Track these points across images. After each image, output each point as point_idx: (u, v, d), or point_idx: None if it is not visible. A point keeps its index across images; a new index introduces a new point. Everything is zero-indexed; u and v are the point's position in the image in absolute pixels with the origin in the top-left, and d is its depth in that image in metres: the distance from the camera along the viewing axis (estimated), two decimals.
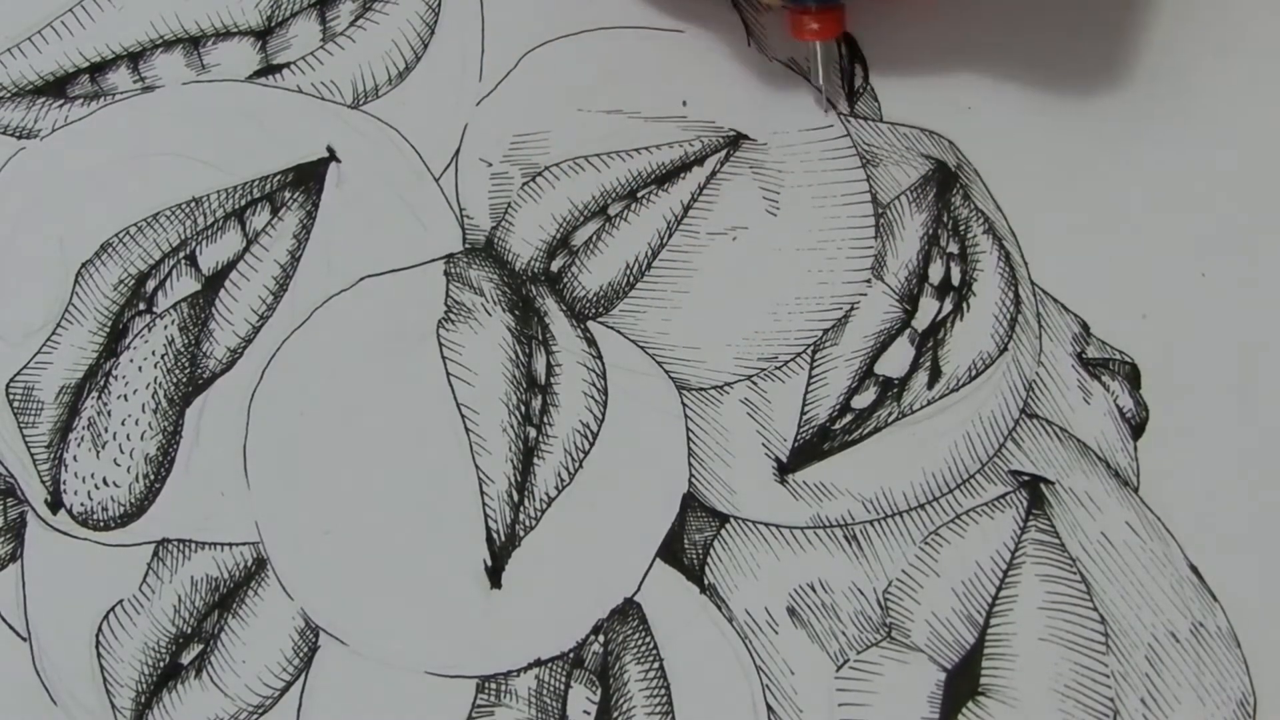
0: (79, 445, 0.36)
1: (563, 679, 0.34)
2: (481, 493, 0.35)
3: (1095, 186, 0.36)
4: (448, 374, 0.36)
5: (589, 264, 0.36)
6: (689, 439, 0.35)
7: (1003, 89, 0.37)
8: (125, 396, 0.36)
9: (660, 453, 0.35)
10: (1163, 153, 0.36)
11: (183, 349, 0.36)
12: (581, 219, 0.36)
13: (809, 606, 0.34)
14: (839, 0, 0.34)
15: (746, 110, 0.37)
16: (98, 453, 0.36)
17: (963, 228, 0.36)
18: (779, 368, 0.35)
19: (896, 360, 0.35)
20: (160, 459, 0.36)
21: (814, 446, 0.35)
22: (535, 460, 0.35)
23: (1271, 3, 0.37)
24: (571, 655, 0.34)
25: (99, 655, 0.34)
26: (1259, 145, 0.36)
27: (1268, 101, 0.36)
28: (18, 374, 0.36)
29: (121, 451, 0.36)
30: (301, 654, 0.34)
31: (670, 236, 0.36)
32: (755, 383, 0.35)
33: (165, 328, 0.36)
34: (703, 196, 0.36)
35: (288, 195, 0.37)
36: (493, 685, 0.34)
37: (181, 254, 0.37)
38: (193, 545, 0.35)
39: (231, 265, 0.37)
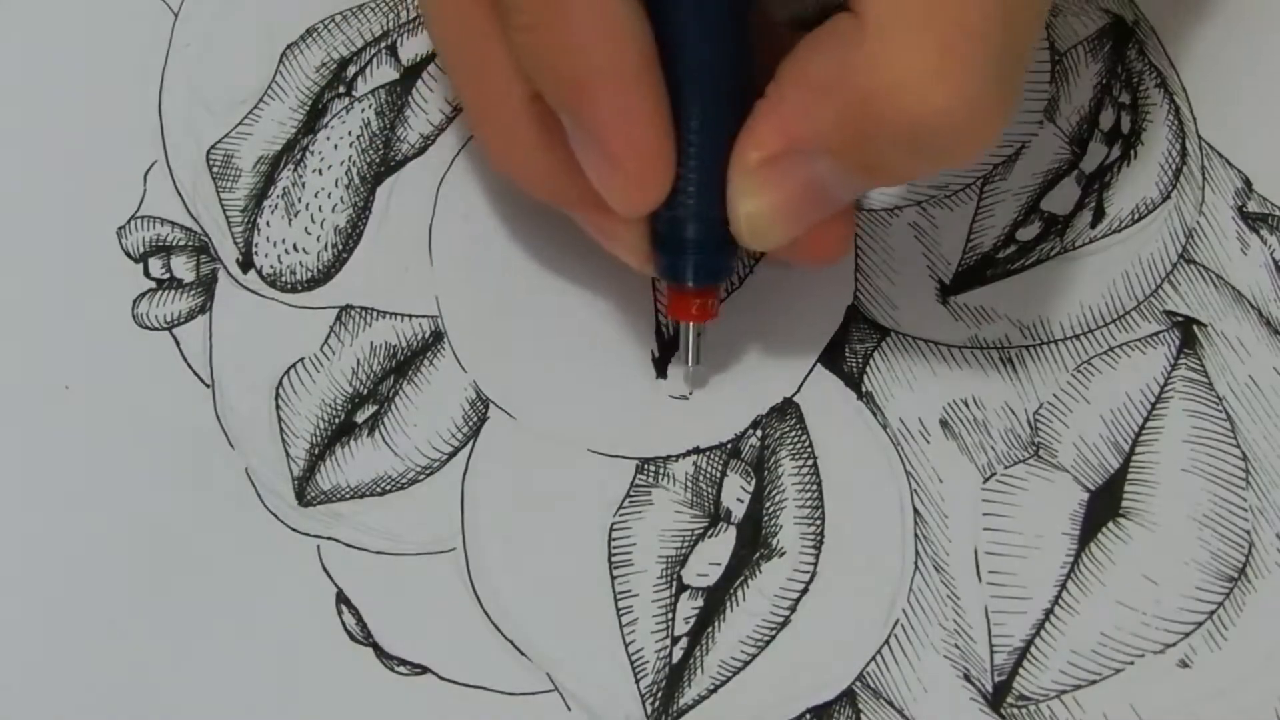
0: (272, 212, 0.37)
1: (719, 467, 0.36)
2: (654, 289, 0.36)
3: (1267, 49, 0.37)
4: None
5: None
6: (856, 255, 0.37)
7: None
8: (320, 171, 0.38)
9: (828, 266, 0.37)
10: None
11: (378, 131, 0.38)
12: None
13: (961, 420, 0.36)
14: (720, 281, 0.33)
15: None
16: (290, 220, 0.37)
17: (1135, 80, 0.37)
18: (948, 196, 0.37)
19: (1062, 199, 0.37)
20: (349, 231, 0.37)
21: (977, 272, 0.36)
22: None
23: None
24: (729, 446, 0.36)
25: (278, 407, 0.36)
26: None
27: None
28: (218, 142, 0.38)
29: (313, 221, 0.37)
30: (471, 423, 0.36)
31: None
32: (924, 208, 0.37)
33: (363, 111, 0.38)
34: None
35: None
36: (652, 467, 0.36)
37: (383, 44, 0.38)
38: (374, 313, 0.37)
39: (430, 59, 0.38)
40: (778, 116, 0.29)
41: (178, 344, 0.37)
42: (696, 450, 0.36)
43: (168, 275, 0.37)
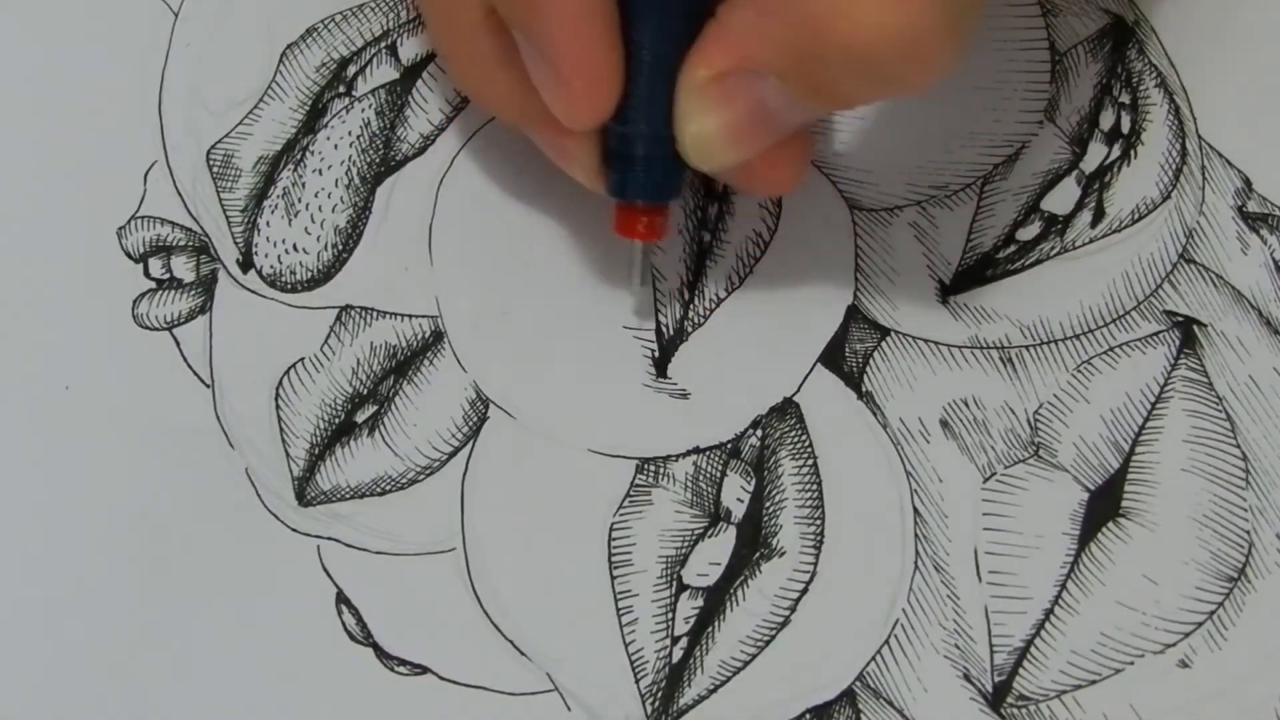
0: (272, 212, 0.37)
1: (719, 467, 0.36)
2: (654, 289, 0.36)
3: (1267, 49, 0.37)
4: None
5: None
6: (857, 254, 0.37)
7: None
8: (320, 171, 0.38)
9: (828, 265, 0.37)
10: None
11: (378, 131, 0.38)
12: None
13: (961, 420, 0.36)
14: (666, 200, 0.33)
15: None
16: (290, 220, 0.37)
17: (1135, 80, 0.37)
18: (948, 196, 0.37)
19: (1062, 198, 0.37)
20: (349, 231, 0.37)
21: (977, 272, 0.36)
22: (707, 263, 0.37)
23: None
24: (729, 446, 0.36)
25: (278, 407, 0.36)
26: None
27: None
28: (218, 142, 0.38)
29: (313, 221, 0.37)
30: (471, 423, 0.36)
31: None
32: (924, 208, 0.37)
33: (363, 111, 0.38)
34: None
35: None
36: (652, 467, 0.36)
37: (383, 44, 0.38)
38: (374, 313, 0.37)
39: (430, 58, 0.38)
40: (727, 36, 0.30)
41: (178, 344, 0.37)
42: (696, 450, 0.36)
43: (168, 275, 0.37)
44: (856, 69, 0.28)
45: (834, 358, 0.36)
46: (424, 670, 0.35)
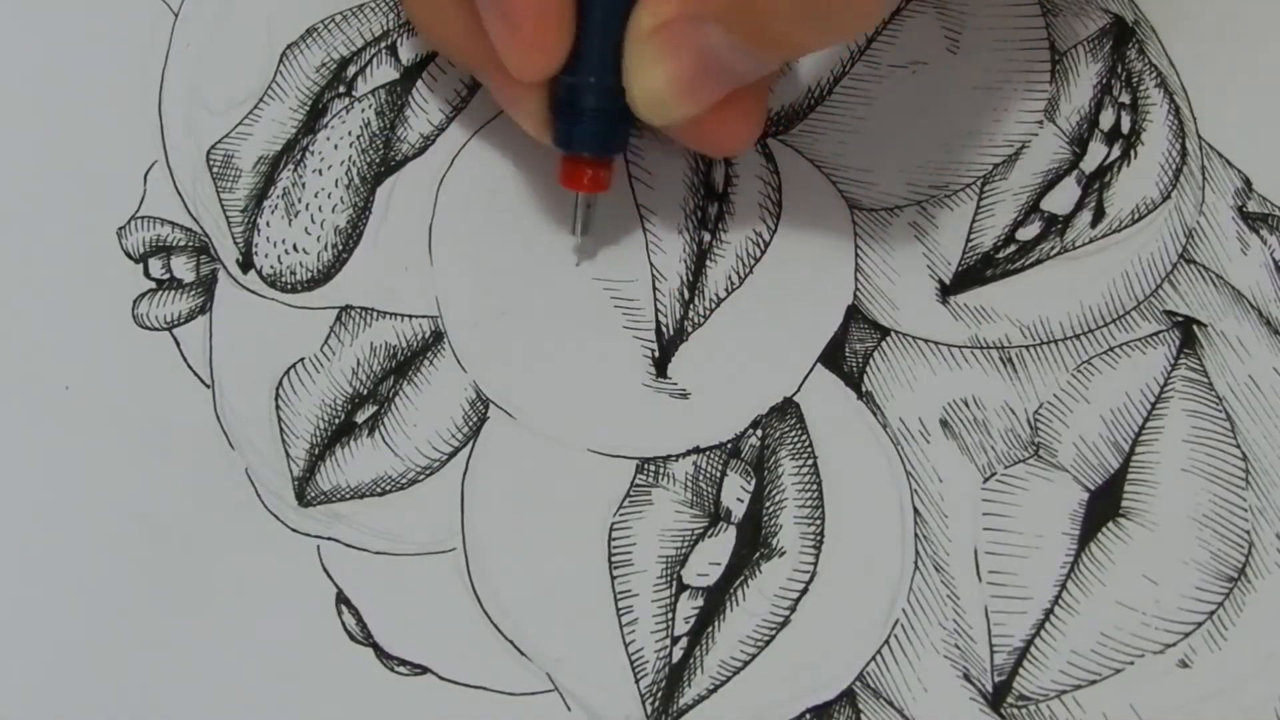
0: (272, 212, 0.37)
1: (719, 467, 0.36)
2: (654, 289, 0.36)
3: (1267, 49, 0.37)
4: (629, 175, 0.37)
5: (772, 85, 0.38)
6: (857, 254, 0.37)
7: None
8: (320, 171, 0.38)
9: (828, 265, 0.37)
10: None
11: (378, 131, 0.38)
12: None
13: (961, 420, 0.36)
14: (612, 154, 0.34)
15: None
16: (290, 220, 0.37)
17: (1135, 80, 0.37)
18: (948, 196, 0.37)
19: (1062, 198, 0.37)
20: (349, 231, 0.37)
21: (977, 272, 0.36)
22: (708, 263, 0.37)
23: None
24: (729, 446, 0.36)
25: (278, 407, 0.36)
26: None
27: None
28: (219, 142, 0.38)
29: (313, 221, 0.37)
30: (471, 423, 0.36)
31: (852, 66, 0.38)
32: (924, 208, 0.37)
33: (363, 111, 0.38)
34: (886, 30, 0.38)
35: None
36: (652, 467, 0.36)
37: (383, 44, 0.38)
38: (374, 313, 0.37)
39: (430, 59, 0.38)
40: None
41: (178, 344, 0.37)
42: (696, 450, 0.36)
43: (168, 275, 0.37)
44: (792, 10, 0.28)
45: (834, 358, 0.36)
46: (424, 670, 0.35)
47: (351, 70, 0.38)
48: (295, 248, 0.37)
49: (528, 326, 0.36)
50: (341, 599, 0.35)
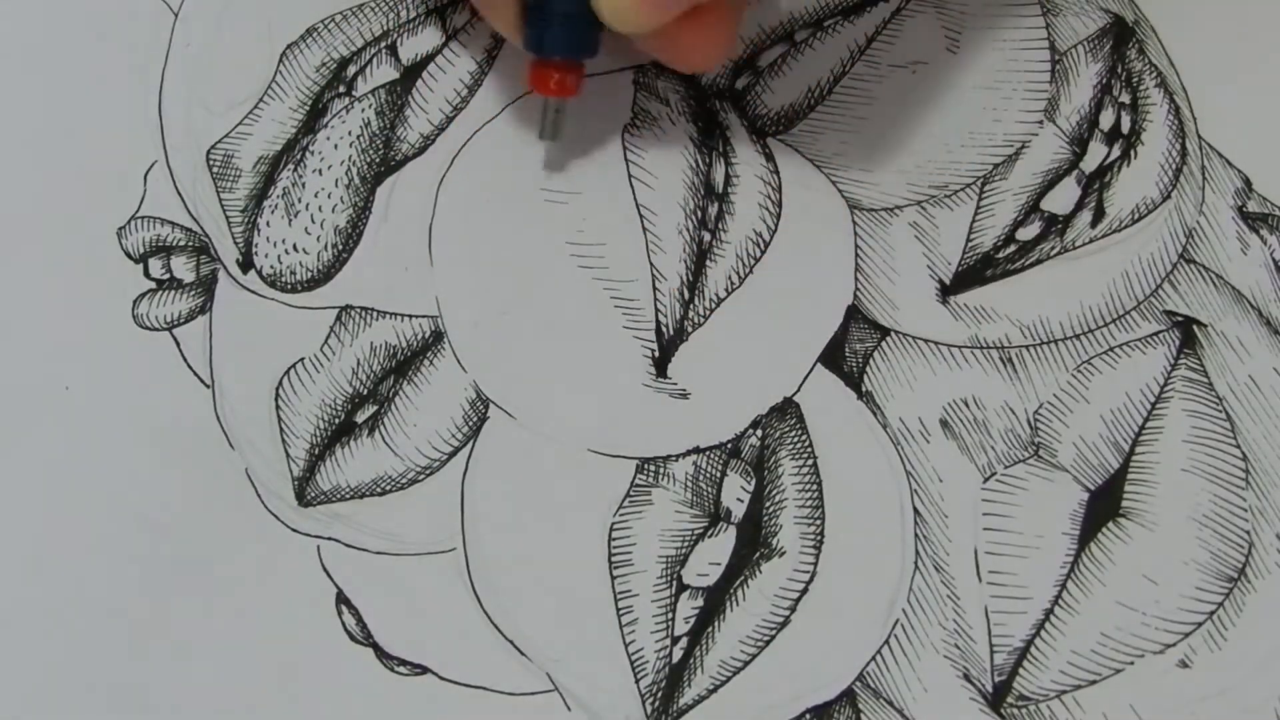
0: (272, 212, 0.37)
1: (719, 467, 0.36)
2: (654, 289, 0.36)
3: (1267, 49, 0.37)
4: (629, 175, 0.37)
5: (772, 84, 0.38)
6: (857, 254, 0.37)
7: None
8: (320, 171, 0.38)
9: (828, 265, 0.37)
10: None
11: (378, 131, 0.38)
12: (768, 42, 0.38)
13: (961, 420, 0.36)
14: (580, 57, 0.35)
15: None
16: (290, 220, 0.37)
17: (1135, 80, 0.37)
18: (948, 196, 0.37)
19: (1062, 198, 0.37)
20: (349, 231, 0.37)
21: (977, 272, 0.36)
22: (708, 263, 0.37)
23: None
24: (729, 446, 0.36)
25: (278, 407, 0.36)
26: None
27: None
28: (219, 142, 0.38)
29: (313, 221, 0.37)
30: (471, 423, 0.36)
31: (852, 65, 0.38)
32: (924, 208, 0.37)
33: (363, 111, 0.38)
34: (886, 30, 0.38)
35: None
36: (652, 467, 0.36)
37: (383, 44, 0.38)
38: (374, 313, 0.37)
39: (430, 58, 0.38)
40: None
41: (178, 344, 0.37)
42: (696, 450, 0.36)
43: (168, 275, 0.37)
44: None
45: (834, 358, 0.36)
46: (424, 670, 0.35)
47: (351, 70, 0.38)
48: (295, 248, 0.37)
49: (528, 326, 0.36)
50: (341, 599, 0.35)
